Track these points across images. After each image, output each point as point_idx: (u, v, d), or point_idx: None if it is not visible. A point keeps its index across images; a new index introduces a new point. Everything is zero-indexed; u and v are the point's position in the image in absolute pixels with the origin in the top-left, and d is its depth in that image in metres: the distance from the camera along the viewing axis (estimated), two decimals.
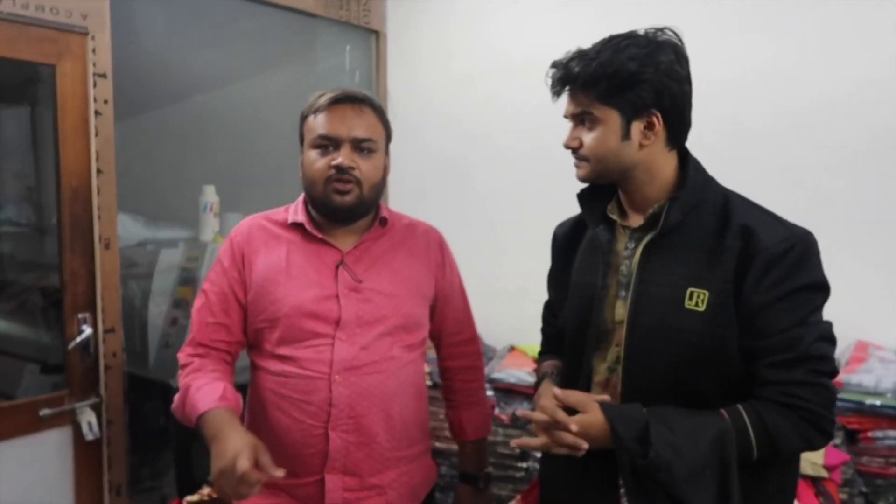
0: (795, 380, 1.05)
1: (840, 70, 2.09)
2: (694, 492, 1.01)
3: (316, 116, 1.34)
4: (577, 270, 1.27)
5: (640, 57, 1.08)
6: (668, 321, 1.10)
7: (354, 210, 1.34)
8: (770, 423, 1.04)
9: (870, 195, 2.08)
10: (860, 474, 1.79)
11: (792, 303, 1.05)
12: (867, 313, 2.07)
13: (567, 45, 2.65)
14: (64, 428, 1.97)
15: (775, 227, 1.09)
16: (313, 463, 1.31)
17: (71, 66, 1.89)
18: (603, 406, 1.08)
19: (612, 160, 1.14)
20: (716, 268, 1.08)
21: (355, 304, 1.32)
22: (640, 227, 1.18)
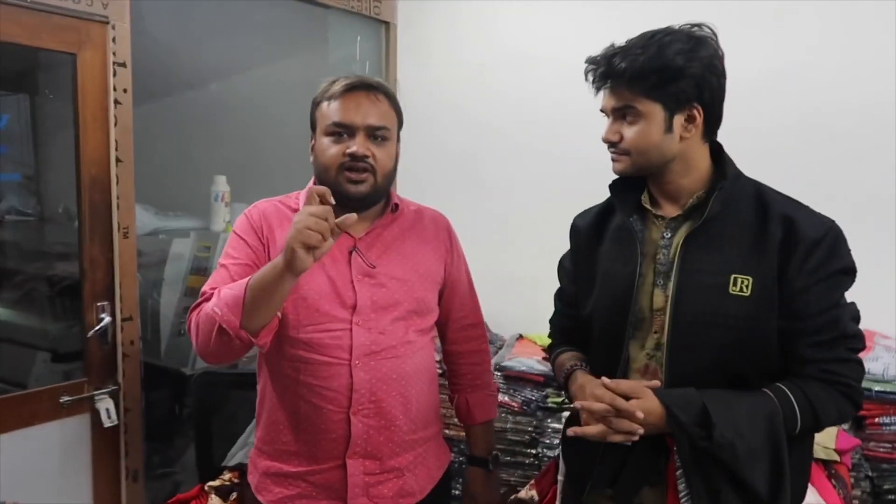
0: (836, 357, 1.12)
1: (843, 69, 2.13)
2: (752, 470, 1.07)
3: (330, 103, 1.33)
4: (607, 260, 1.29)
5: (686, 52, 1.11)
6: (713, 307, 1.13)
7: (368, 198, 1.34)
8: (814, 399, 1.10)
9: (874, 189, 2.13)
10: (867, 459, 1.84)
11: (829, 286, 1.12)
12: (872, 304, 2.10)
13: (577, 38, 2.69)
14: (83, 415, 1.99)
15: (811, 216, 1.15)
16: (334, 448, 1.32)
17: (91, 55, 1.90)
18: (657, 392, 1.12)
19: (654, 153, 1.17)
20: (760, 254, 1.12)
21: (369, 289, 1.34)
22: (676, 217, 1.21)
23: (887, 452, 1.82)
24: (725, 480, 1.08)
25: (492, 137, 2.80)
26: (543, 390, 2.24)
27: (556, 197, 2.65)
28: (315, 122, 1.38)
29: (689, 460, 1.09)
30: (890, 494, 1.81)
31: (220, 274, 1.34)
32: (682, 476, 1.11)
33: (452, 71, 2.84)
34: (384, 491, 1.35)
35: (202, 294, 1.31)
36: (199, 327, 1.25)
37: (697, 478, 1.09)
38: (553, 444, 2.14)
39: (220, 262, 1.37)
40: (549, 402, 2.22)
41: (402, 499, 1.37)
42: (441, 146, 2.86)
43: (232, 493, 1.77)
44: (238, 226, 1.40)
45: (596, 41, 1.25)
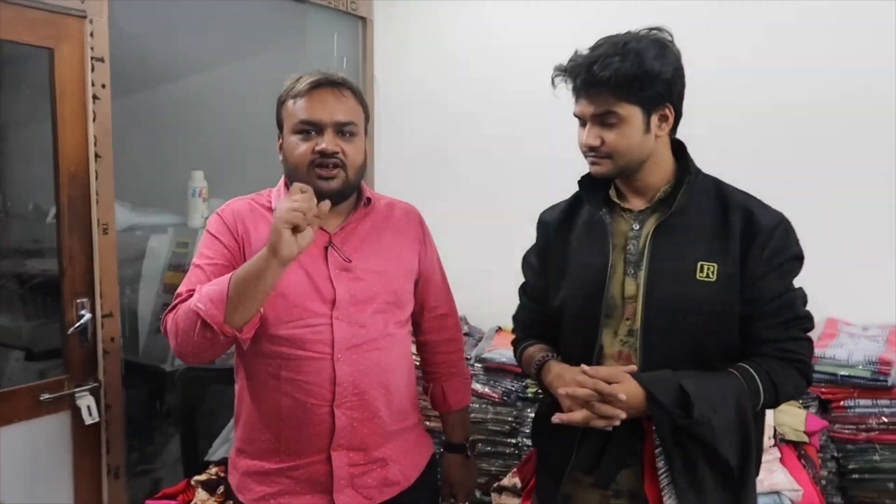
0: (791, 337, 1.21)
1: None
2: (726, 444, 1.15)
3: (296, 101, 1.33)
4: (578, 252, 1.33)
5: (659, 57, 1.18)
6: (682, 293, 1.20)
7: (340, 194, 1.34)
8: (775, 377, 1.19)
9: (835, 184, 2.22)
10: (833, 440, 1.93)
11: (784, 272, 1.22)
12: (836, 293, 2.21)
13: (552, 33, 2.72)
14: (63, 412, 1.98)
15: (765, 208, 1.25)
16: (318, 442, 1.33)
17: (69, 49, 1.88)
18: (635, 376, 1.18)
19: (635, 154, 1.23)
20: (724, 243, 1.21)
21: (347, 283, 1.34)
22: (644, 209, 1.28)
23: (852, 434, 1.91)
24: (701, 456, 1.16)
25: (469, 132, 2.83)
26: (523, 381, 2.29)
27: (534, 190, 2.69)
28: (281, 120, 1.38)
29: (668, 438, 1.15)
30: (854, 473, 1.90)
31: (196, 274, 1.33)
32: (661, 455, 1.17)
33: (429, 67, 2.86)
34: (369, 481, 1.37)
35: (178, 296, 1.30)
36: (179, 326, 1.24)
37: (677, 455, 1.16)
38: None
39: (195, 263, 1.36)
40: (528, 393, 2.27)
41: (386, 487, 1.39)
42: (418, 141, 2.88)
43: (219, 487, 1.78)
44: (211, 225, 1.39)
45: (571, 37, 1.29)
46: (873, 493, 1.90)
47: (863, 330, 2.10)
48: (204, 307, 1.19)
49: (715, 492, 1.16)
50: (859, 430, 1.90)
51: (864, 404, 1.90)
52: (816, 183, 2.23)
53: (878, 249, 2.17)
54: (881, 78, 2.13)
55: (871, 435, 1.88)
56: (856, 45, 2.16)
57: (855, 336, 2.05)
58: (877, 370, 1.87)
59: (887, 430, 1.87)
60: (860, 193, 2.18)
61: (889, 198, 2.14)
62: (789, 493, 1.58)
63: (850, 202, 2.20)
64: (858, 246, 2.18)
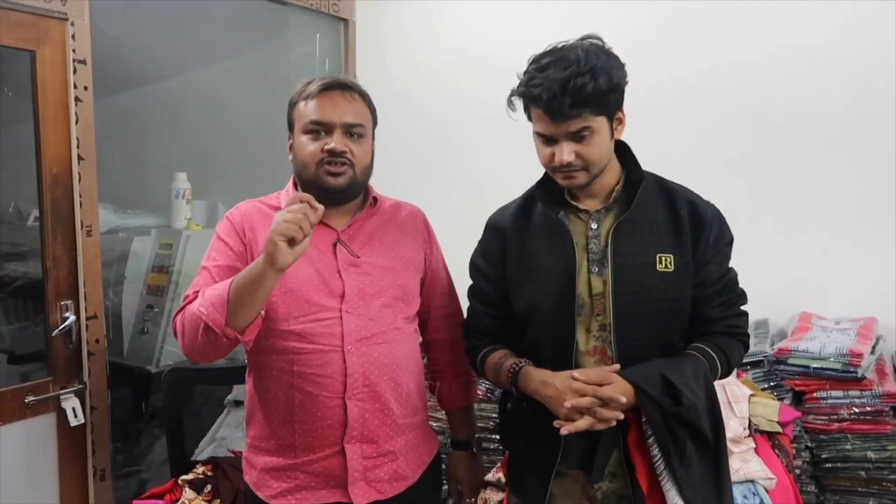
0: (735, 313, 1.35)
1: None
2: (706, 422, 1.24)
3: (307, 103, 1.37)
4: (538, 255, 1.35)
5: (619, 67, 1.24)
6: (647, 284, 1.28)
7: (347, 191, 1.39)
8: (728, 351, 1.31)
9: (808, 181, 2.28)
10: (806, 431, 1.98)
11: (723, 256, 1.34)
12: (809, 288, 2.27)
13: (531, 35, 2.75)
14: (48, 415, 1.98)
15: (701, 199, 1.35)
16: (331, 435, 1.36)
17: (51, 52, 1.88)
18: (621, 373, 1.23)
19: (605, 161, 1.30)
20: (677, 234, 1.30)
21: (356, 277, 1.38)
22: (600, 209, 1.34)
23: (824, 424, 1.96)
24: (687, 436, 1.23)
25: (449, 132, 2.86)
26: None
27: (515, 189, 2.73)
28: (292, 121, 1.42)
29: (662, 427, 1.21)
30: (827, 462, 1.95)
31: (203, 277, 1.37)
32: (654, 443, 1.22)
33: (411, 67, 2.89)
34: (381, 474, 1.40)
35: (186, 297, 1.34)
36: (185, 327, 1.29)
37: (670, 442, 1.21)
38: None
39: (203, 265, 1.40)
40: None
41: (396, 482, 1.41)
42: (400, 142, 2.90)
43: (206, 486, 1.79)
44: (220, 228, 1.43)
45: (548, 37, 1.31)
46: (846, 482, 1.95)
47: (835, 324, 2.16)
48: (206, 312, 1.22)
49: (697, 463, 1.25)
50: (831, 420, 1.95)
51: (836, 395, 1.95)
52: (789, 181, 2.29)
53: (849, 246, 2.23)
54: (850, 76, 2.20)
55: (843, 425, 1.94)
56: (825, 46, 2.22)
57: (827, 329, 2.11)
58: (848, 362, 1.92)
59: (858, 419, 1.92)
60: (833, 191, 2.25)
61: (862, 195, 2.21)
62: (764, 481, 1.62)
63: (823, 200, 2.26)
64: (831, 242, 2.25)
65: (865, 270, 2.21)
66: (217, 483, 1.79)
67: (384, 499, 1.40)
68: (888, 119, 2.14)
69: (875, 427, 1.91)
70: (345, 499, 1.37)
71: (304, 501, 1.37)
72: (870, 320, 2.16)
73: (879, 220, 2.19)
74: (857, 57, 2.17)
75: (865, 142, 2.19)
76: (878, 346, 2.06)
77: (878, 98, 2.15)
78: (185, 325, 1.29)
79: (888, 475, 1.90)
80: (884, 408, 1.91)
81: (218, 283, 1.27)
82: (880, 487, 1.92)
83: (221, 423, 2.41)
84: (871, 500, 1.94)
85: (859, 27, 2.16)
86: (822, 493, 1.99)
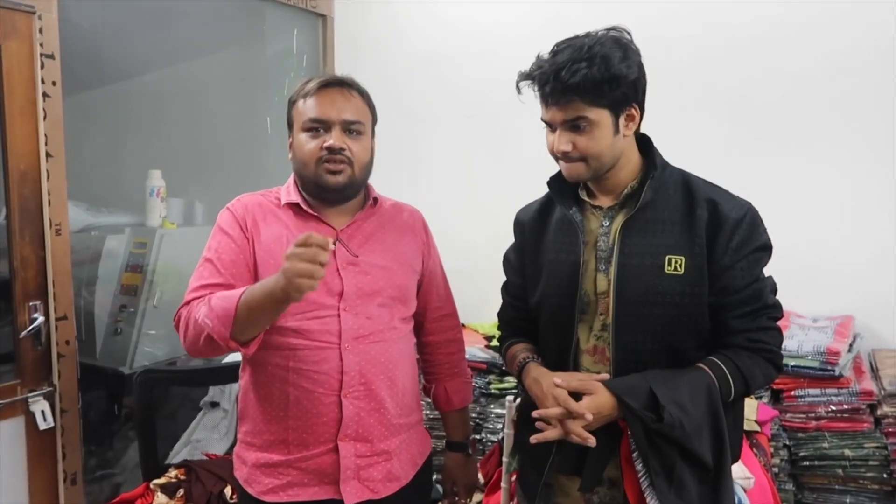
0: (759, 326, 1.22)
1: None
2: (699, 442, 1.16)
3: (306, 101, 1.37)
4: (552, 250, 1.35)
5: (624, 59, 1.19)
6: (652, 287, 1.21)
7: (346, 189, 1.38)
8: (743, 368, 1.20)
9: (786, 179, 2.28)
10: (784, 429, 1.99)
11: (751, 262, 1.22)
12: (788, 285, 2.27)
13: (513, 30, 2.73)
14: (17, 418, 1.93)
15: (731, 199, 1.25)
16: (325, 432, 1.35)
17: (17, 45, 1.83)
18: (607, 384, 1.19)
19: (607, 156, 1.24)
20: (690, 236, 1.22)
21: (354, 276, 1.38)
22: (613, 206, 1.30)
23: (802, 422, 1.97)
24: (677, 455, 1.17)
25: (430, 129, 2.84)
26: (486, 377, 2.31)
27: (496, 188, 2.72)
28: (291, 120, 1.41)
29: (643, 442, 1.17)
30: (805, 461, 1.96)
31: (208, 269, 1.35)
32: (638, 457, 1.19)
33: (389, 64, 2.86)
34: (374, 474, 1.39)
35: (191, 290, 1.34)
36: (189, 330, 1.29)
37: (653, 457, 1.17)
38: (496, 429, 2.21)
39: (205, 257, 1.38)
40: (491, 389, 2.29)
41: (389, 482, 1.41)
42: (379, 139, 2.87)
43: (178, 490, 1.76)
44: (221, 220, 1.41)
45: (532, 33, 1.30)
46: (823, 479, 1.97)
47: (813, 322, 2.17)
48: (212, 324, 1.22)
49: (694, 488, 1.18)
50: (809, 418, 1.96)
51: (813, 393, 1.96)
52: (766, 178, 2.29)
53: (827, 244, 2.24)
54: (831, 82, 2.21)
55: (821, 423, 1.95)
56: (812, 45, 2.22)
57: (805, 328, 2.12)
58: (825, 360, 1.93)
59: (835, 417, 1.94)
60: (811, 188, 2.26)
61: (840, 195, 2.22)
62: (742, 481, 1.62)
63: (801, 198, 2.27)
64: (810, 240, 2.26)
65: (843, 268, 2.22)
66: (190, 487, 1.76)
67: (377, 498, 1.39)
68: (870, 119, 2.16)
69: (852, 425, 1.92)
70: (336, 496, 1.36)
71: (295, 498, 1.36)
72: (847, 318, 2.17)
73: (858, 217, 2.20)
74: (838, 52, 2.19)
75: (845, 140, 2.21)
76: (855, 343, 2.07)
77: (859, 94, 2.17)
78: (189, 328, 1.29)
79: (865, 472, 1.91)
80: (860, 405, 1.92)
81: (226, 294, 1.25)
82: (857, 485, 1.93)
83: (197, 425, 2.37)
84: (848, 497, 1.95)
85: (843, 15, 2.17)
86: (800, 491, 2.00)
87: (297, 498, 1.36)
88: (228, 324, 1.20)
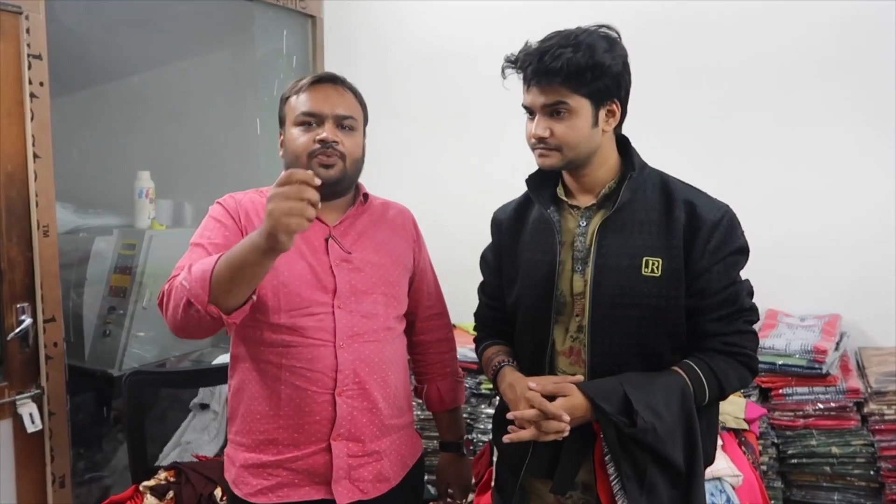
0: (735, 330, 1.22)
1: None
2: (672, 447, 1.16)
3: (298, 96, 1.37)
4: (528, 250, 1.34)
5: (609, 51, 1.19)
6: (628, 288, 1.20)
7: (338, 184, 1.37)
8: (718, 371, 1.20)
9: (770, 177, 2.30)
10: (772, 427, 2.01)
11: (728, 265, 1.21)
12: (776, 285, 2.30)
13: (504, 31, 2.74)
14: (4, 421, 1.91)
15: (709, 201, 1.24)
16: (318, 431, 1.34)
17: (4, 46, 1.82)
18: (581, 386, 1.19)
19: (583, 147, 1.23)
20: (667, 237, 1.21)
21: (348, 273, 1.37)
22: (590, 206, 1.29)
23: (790, 420, 1.99)
24: (649, 460, 1.16)
25: (419, 130, 2.84)
26: (477, 377, 2.31)
27: (485, 188, 2.72)
28: (283, 116, 1.41)
29: (616, 446, 1.16)
30: (793, 458, 1.98)
31: (196, 252, 1.32)
32: (610, 461, 1.19)
33: (379, 65, 2.86)
34: (364, 474, 1.38)
35: (177, 267, 1.29)
36: (171, 300, 1.23)
37: (625, 461, 1.17)
38: (487, 430, 2.21)
39: (195, 242, 1.34)
40: (482, 389, 2.29)
41: (379, 483, 1.40)
42: (368, 140, 2.87)
43: (168, 493, 1.75)
44: (214, 211, 1.40)
45: (523, 34, 1.30)
46: (811, 477, 1.99)
47: (800, 320, 2.19)
48: (189, 286, 1.17)
49: (665, 491, 1.18)
50: (797, 416, 1.98)
51: (801, 392, 1.98)
52: (751, 174, 2.31)
53: (815, 243, 2.26)
54: (818, 75, 2.22)
55: (809, 421, 1.97)
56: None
57: (793, 326, 2.13)
58: (812, 359, 1.94)
59: (823, 415, 1.95)
60: (796, 185, 2.27)
61: (828, 193, 2.24)
62: (730, 478, 1.63)
63: (790, 197, 2.29)
64: (797, 239, 2.27)
65: (831, 266, 2.24)
66: (180, 489, 1.75)
67: (367, 499, 1.38)
68: (858, 114, 2.17)
69: (839, 423, 1.94)
70: (328, 496, 1.35)
71: (285, 499, 1.35)
72: (834, 317, 2.19)
73: (846, 215, 2.22)
74: (828, 45, 2.20)
75: (832, 136, 2.22)
76: (842, 342, 2.09)
77: (847, 88, 2.18)
78: (170, 299, 1.22)
79: (852, 470, 1.93)
80: (848, 403, 1.94)
81: (206, 259, 1.21)
82: (845, 482, 1.95)
83: (187, 426, 2.36)
84: (835, 494, 1.97)
85: None
86: (788, 488, 2.02)
87: (288, 499, 1.35)
88: (206, 286, 1.14)
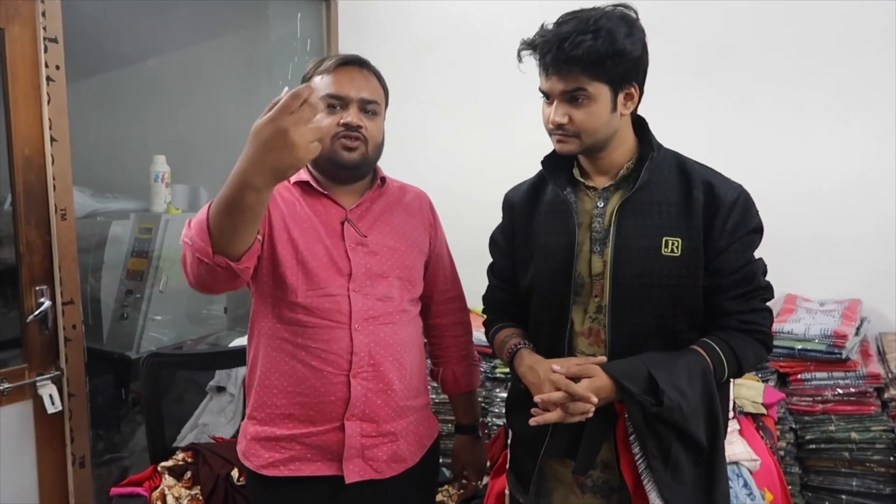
0: (752, 308, 1.23)
1: None
2: (696, 424, 1.17)
3: (323, 77, 1.37)
4: (544, 232, 1.34)
5: (628, 35, 1.17)
6: (648, 268, 1.21)
7: (359, 167, 1.38)
8: (737, 349, 1.21)
9: (790, 162, 2.26)
10: (791, 412, 1.99)
11: (744, 244, 1.23)
12: (795, 269, 2.27)
13: (521, 14, 2.71)
14: (25, 402, 1.94)
15: (725, 181, 1.25)
16: (333, 410, 1.35)
17: (20, 30, 1.82)
18: (605, 367, 1.18)
19: (602, 133, 1.22)
20: (687, 217, 1.22)
21: (363, 257, 1.38)
22: (608, 187, 1.28)
23: (809, 406, 1.97)
24: (674, 438, 1.17)
25: (435, 113, 2.82)
26: (492, 361, 2.31)
27: (500, 172, 2.70)
28: None
29: (641, 425, 1.17)
30: (811, 444, 1.96)
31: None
32: (635, 441, 1.19)
33: (394, 47, 2.84)
34: (379, 454, 1.39)
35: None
36: (185, 257, 1.21)
37: (651, 440, 1.17)
38: (502, 413, 2.21)
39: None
40: (497, 373, 2.29)
41: (395, 463, 1.41)
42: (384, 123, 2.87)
43: (186, 473, 1.77)
44: None
45: (539, 15, 1.28)
46: (830, 462, 1.96)
47: (820, 305, 2.16)
48: (192, 242, 1.15)
49: (689, 469, 1.19)
50: (815, 401, 1.96)
51: (820, 377, 1.96)
52: (770, 161, 2.28)
53: (835, 227, 2.23)
54: (838, 59, 2.18)
55: (827, 406, 1.95)
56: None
57: (812, 311, 2.11)
58: (832, 344, 1.92)
59: (842, 401, 1.93)
60: (817, 171, 2.24)
61: (846, 178, 2.20)
62: (748, 463, 1.62)
63: (809, 182, 2.25)
64: (817, 224, 2.24)
65: (851, 251, 2.21)
66: (197, 469, 1.77)
67: (381, 478, 1.39)
68: (881, 96, 2.13)
69: (859, 408, 1.92)
70: (339, 473, 1.36)
71: (296, 472, 1.36)
72: (854, 301, 2.16)
73: (865, 200, 2.19)
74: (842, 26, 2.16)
75: (851, 115, 2.18)
76: (862, 327, 2.07)
77: (864, 71, 2.14)
78: (185, 256, 1.20)
79: (871, 456, 1.91)
80: (867, 389, 1.92)
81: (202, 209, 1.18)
82: (864, 468, 1.93)
83: (204, 409, 2.39)
84: (854, 480, 1.95)
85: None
86: (806, 473, 2.00)
87: (299, 472, 1.36)
88: (205, 235, 1.11)
